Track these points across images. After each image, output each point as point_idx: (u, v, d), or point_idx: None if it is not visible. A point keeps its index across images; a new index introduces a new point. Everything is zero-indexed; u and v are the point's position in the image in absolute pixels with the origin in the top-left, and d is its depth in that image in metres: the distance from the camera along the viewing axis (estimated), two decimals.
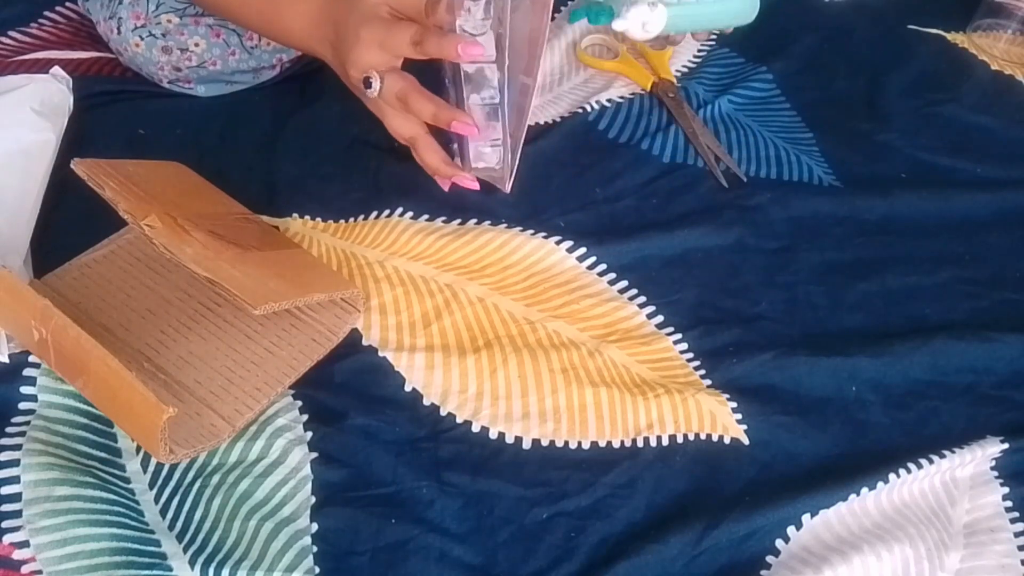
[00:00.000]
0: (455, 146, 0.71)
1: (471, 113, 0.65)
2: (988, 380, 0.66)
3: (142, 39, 0.77)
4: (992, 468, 0.62)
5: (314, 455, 0.57)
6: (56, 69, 0.75)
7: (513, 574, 0.54)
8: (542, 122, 0.82)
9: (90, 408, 0.58)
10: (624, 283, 0.70)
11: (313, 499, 0.56)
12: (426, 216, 0.72)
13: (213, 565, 0.52)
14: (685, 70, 0.90)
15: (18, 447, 0.55)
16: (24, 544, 0.52)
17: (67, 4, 0.88)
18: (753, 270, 0.72)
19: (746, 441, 0.61)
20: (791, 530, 0.57)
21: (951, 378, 0.66)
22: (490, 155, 0.69)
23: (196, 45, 0.77)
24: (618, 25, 0.67)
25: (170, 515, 0.55)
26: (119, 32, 0.77)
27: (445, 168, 0.68)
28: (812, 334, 0.68)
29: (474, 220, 0.72)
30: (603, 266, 0.71)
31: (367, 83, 0.63)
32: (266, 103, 0.81)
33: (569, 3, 0.97)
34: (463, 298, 0.67)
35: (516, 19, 0.62)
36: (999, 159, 0.84)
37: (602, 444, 0.60)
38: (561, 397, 0.62)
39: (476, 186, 0.69)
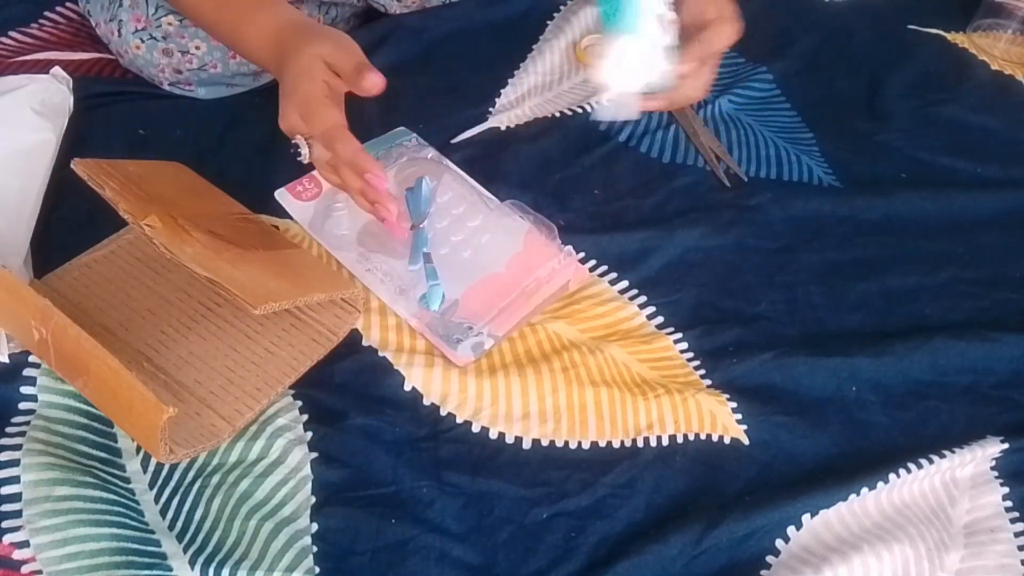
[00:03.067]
0: None
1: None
2: (988, 380, 0.66)
3: (143, 41, 0.77)
4: (992, 468, 0.62)
5: (314, 455, 0.57)
6: (56, 69, 0.75)
7: (513, 574, 0.54)
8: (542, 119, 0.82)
9: (90, 408, 0.58)
10: (624, 283, 0.70)
11: (313, 499, 0.56)
12: None
13: (213, 565, 0.52)
14: None
15: (18, 447, 0.55)
16: (24, 544, 0.52)
17: (67, 5, 0.88)
18: (753, 270, 0.72)
19: (746, 441, 0.61)
20: (791, 530, 0.57)
21: (951, 378, 0.66)
22: None
23: (196, 48, 0.77)
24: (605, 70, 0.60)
25: (170, 515, 0.55)
26: (120, 34, 0.77)
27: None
28: (812, 334, 0.68)
29: None
30: (604, 267, 0.71)
31: (295, 150, 0.62)
32: (266, 105, 0.81)
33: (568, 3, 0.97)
34: None
35: None
36: (999, 159, 0.84)
37: (602, 444, 0.60)
38: (561, 397, 0.62)
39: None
